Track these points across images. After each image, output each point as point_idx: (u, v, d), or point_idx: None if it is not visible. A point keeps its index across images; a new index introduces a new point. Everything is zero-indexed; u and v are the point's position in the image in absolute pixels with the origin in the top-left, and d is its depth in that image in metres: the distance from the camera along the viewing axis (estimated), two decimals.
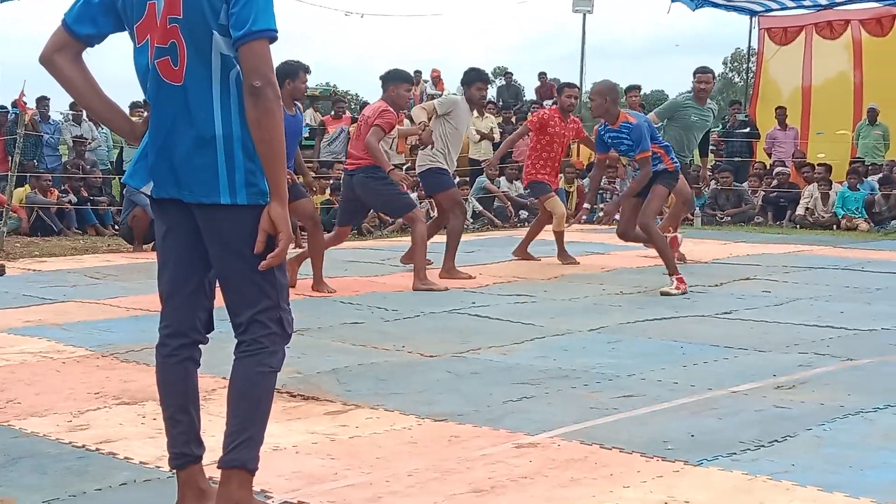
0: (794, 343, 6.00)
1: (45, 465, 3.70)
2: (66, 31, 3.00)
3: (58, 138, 15.93)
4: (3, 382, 4.99)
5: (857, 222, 14.68)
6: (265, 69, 2.82)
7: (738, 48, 49.92)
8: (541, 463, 3.72)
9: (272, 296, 2.97)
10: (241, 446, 2.94)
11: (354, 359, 5.53)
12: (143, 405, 4.52)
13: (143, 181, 3.04)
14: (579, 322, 6.69)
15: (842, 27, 18.51)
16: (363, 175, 8.34)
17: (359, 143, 8.43)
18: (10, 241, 11.90)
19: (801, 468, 3.64)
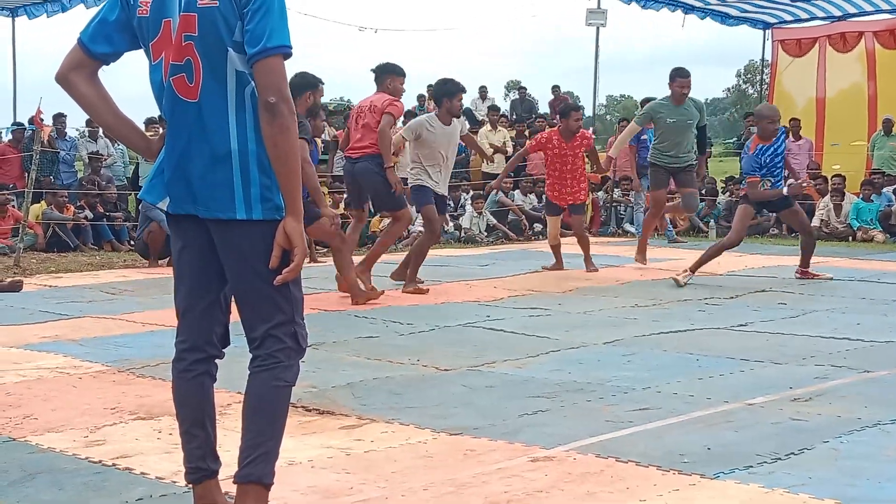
0: (810, 355, 5.98)
1: (62, 481, 3.71)
2: (81, 49, 3.02)
3: (74, 155, 16.02)
4: (19, 398, 5.01)
5: (872, 234, 14.62)
6: (280, 85, 2.84)
7: (752, 60, 49.96)
8: (557, 476, 3.72)
9: (287, 310, 2.98)
10: (256, 461, 2.95)
11: (369, 373, 5.54)
12: (159, 420, 4.53)
13: (160, 197, 3.06)
14: (594, 335, 6.68)
15: (855, 39, 18.48)
16: (367, 163, 8.48)
17: (364, 132, 8.49)
18: (27, 257, 11.95)
19: (818, 481, 3.62)
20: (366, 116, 8.56)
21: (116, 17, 3.01)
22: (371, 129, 8.47)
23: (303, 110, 7.72)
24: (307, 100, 7.86)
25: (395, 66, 8.88)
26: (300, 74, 8.00)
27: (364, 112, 8.61)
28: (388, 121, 8.41)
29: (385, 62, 8.95)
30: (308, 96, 7.85)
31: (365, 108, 8.62)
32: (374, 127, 8.45)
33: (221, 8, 2.85)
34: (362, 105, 8.74)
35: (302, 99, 7.76)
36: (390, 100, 8.56)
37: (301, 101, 7.73)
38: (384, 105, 8.47)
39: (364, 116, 8.58)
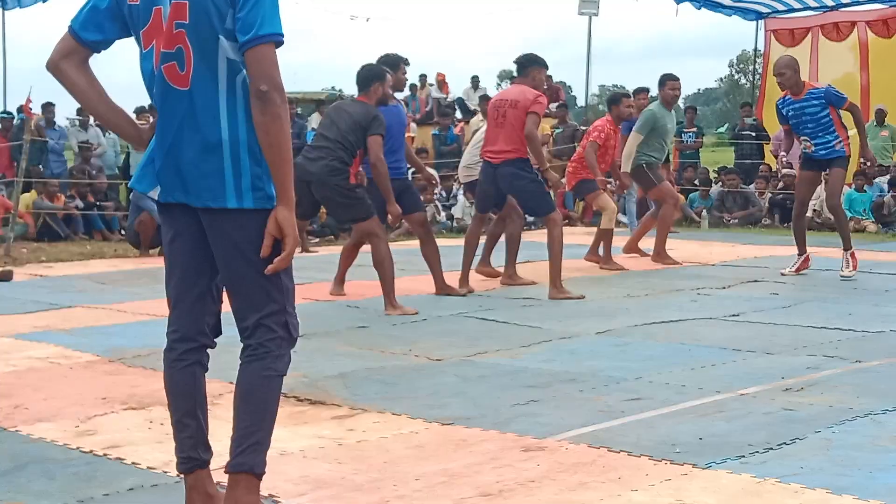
0: (802, 345, 5.98)
1: (52, 471, 3.70)
2: (72, 37, 3.01)
3: (63, 144, 15.97)
4: (10, 388, 4.99)
5: (864, 224, 14.65)
6: (272, 73, 2.82)
7: (745, 50, 50.04)
8: (549, 466, 3.72)
9: (278, 300, 2.97)
10: (248, 450, 2.94)
11: (361, 363, 5.53)
12: (150, 410, 4.52)
13: (150, 186, 3.04)
14: (587, 325, 6.68)
15: (848, 29, 18.50)
16: (509, 169, 7.96)
17: (503, 133, 7.93)
18: (17, 246, 11.91)
19: (809, 471, 3.63)
20: (507, 114, 7.95)
21: (107, 5, 3.00)
22: (514, 129, 7.90)
23: (373, 102, 7.31)
24: (375, 92, 7.34)
25: (539, 56, 8.26)
26: (367, 66, 7.50)
27: (504, 108, 8.01)
28: (535, 123, 7.85)
29: (531, 53, 8.28)
30: (377, 87, 7.35)
31: (504, 103, 8.05)
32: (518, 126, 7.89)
33: None
34: (506, 97, 8.14)
35: (370, 92, 7.31)
36: (538, 98, 7.94)
37: (370, 93, 7.31)
38: (531, 102, 7.86)
39: (504, 113, 7.98)
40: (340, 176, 7.10)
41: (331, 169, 7.07)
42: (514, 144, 7.93)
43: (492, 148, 8.09)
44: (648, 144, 10.13)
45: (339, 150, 7.09)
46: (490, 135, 8.18)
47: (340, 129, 7.12)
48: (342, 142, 7.10)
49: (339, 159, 7.09)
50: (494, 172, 8.08)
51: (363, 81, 7.36)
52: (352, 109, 7.24)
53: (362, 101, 7.30)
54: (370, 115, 7.16)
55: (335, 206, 7.40)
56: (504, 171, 8.01)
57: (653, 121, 10.13)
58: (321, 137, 7.25)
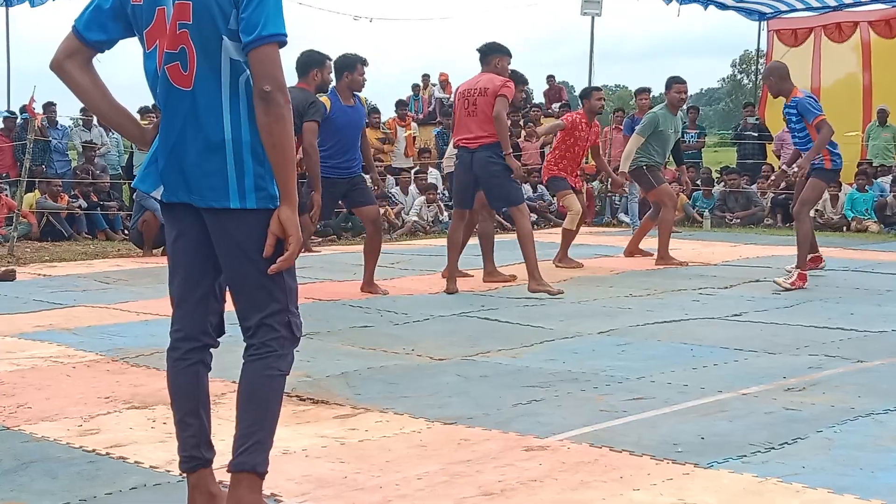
0: (804, 345, 5.99)
1: (55, 470, 3.71)
2: (76, 37, 3.01)
3: (66, 143, 15.99)
4: (13, 387, 5.00)
5: (867, 224, 14.64)
6: (276, 74, 2.83)
7: (747, 50, 49.98)
8: (551, 466, 3.72)
9: (281, 299, 2.98)
10: (250, 450, 2.95)
11: (364, 362, 5.54)
12: (153, 409, 4.53)
13: (154, 186, 3.05)
14: (589, 325, 6.69)
15: (850, 29, 18.49)
16: (485, 153, 7.97)
17: (475, 120, 7.97)
18: (21, 246, 11.94)
19: (811, 470, 3.63)
20: (477, 99, 7.98)
21: (111, 5, 3.00)
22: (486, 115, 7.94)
23: (312, 89, 7.45)
24: (314, 78, 7.54)
25: (502, 45, 8.31)
26: (305, 53, 7.70)
27: (475, 94, 8.02)
28: (504, 105, 7.86)
29: (491, 41, 8.35)
30: (315, 74, 7.55)
31: (476, 91, 8.04)
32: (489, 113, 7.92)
33: None
34: (475, 86, 8.11)
35: (308, 78, 7.51)
36: (507, 83, 7.98)
37: (308, 79, 7.49)
38: (500, 86, 7.90)
39: (474, 99, 8.00)
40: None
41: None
42: (488, 130, 7.96)
43: (466, 135, 8.11)
44: (649, 147, 10.15)
45: None
46: (460, 124, 8.20)
47: None
48: None
49: None
50: (471, 157, 8.06)
51: (302, 67, 7.45)
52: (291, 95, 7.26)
53: (301, 88, 7.36)
54: (307, 101, 7.20)
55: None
56: (480, 156, 8.02)
57: (655, 124, 10.13)
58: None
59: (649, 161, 10.21)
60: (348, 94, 7.89)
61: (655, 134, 10.12)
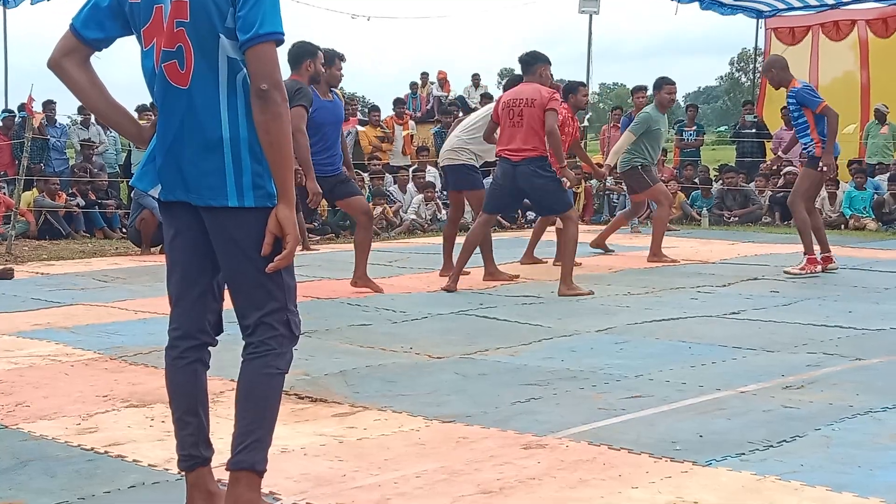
0: (802, 343, 5.99)
1: (53, 468, 3.71)
2: (74, 35, 3.01)
3: (64, 142, 15.98)
4: (11, 385, 5.00)
5: (864, 222, 14.65)
6: (273, 72, 2.83)
7: (745, 48, 50.02)
8: (549, 464, 3.72)
9: (279, 298, 2.97)
10: (249, 448, 2.94)
11: (362, 360, 5.54)
12: (151, 408, 4.52)
13: (152, 184, 3.05)
14: (587, 323, 6.69)
15: (848, 27, 18.51)
16: (529, 167, 7.97)
17: (521, 132, 7.97)
18: (19, 244, 11.93)
19: (809, 468, 3.63)
20: (523, 111, 7.99)
21: (109, 3, 3.00)
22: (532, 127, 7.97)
23: (305, 80, 7.46)
24: (307, 69, 7.53)
25: (543, 53, 8.36)
26: (297, 44, 7.68)
27: (521, 106, 8.03)
28: (555, 119, 7.94)
29: (533, 50, 8.37)
30: (308, 65, 7.53)
31: (521, 102, 8.05)
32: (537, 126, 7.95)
33: None
34: (518, 97, 8.11)
35: (301, 69, 7.50)
36: (554, 95, 8.07)
37: (301, 71, 7.49)
38: (548, 99, 7.96)
39: (520, 111, 8.01)
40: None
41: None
42: (532, 143, 7.97)
43: (509, 146, 8.08)
44: (642, 146, 10.19)
45: None
46: (505, 134, 8.15)
47: None
48: None
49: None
50: (514, 170, 8.05)
51: (294, 59, 7.44)
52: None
53: (294, 80, 7.36)
54: (294, 87, 7.18)
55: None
56: (524, 170, 8.01)
57: (647, 123, 10.19)
58: None
59: (644, 161, 10.23)
60: (325, 89, 7.89)
61: (648, 133, 10.16)
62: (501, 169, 8.22)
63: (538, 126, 7.95)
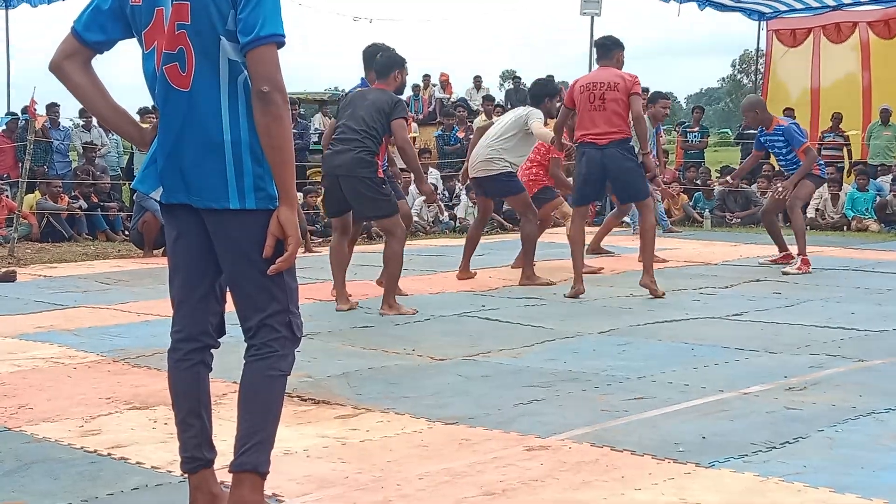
0: (805, 344, 5.98)
1: (56, 471, 3.71)
2: (75, 38, 3.01)
3: (68, 144, 16.00)
4: (14, 388, 5.00)
5: (867, 223, 14.64)
6: (273, 74, 2.83)
7: (747, 50, 50.05)
8: (552, 465, 3.72)
9: (281, 300, 2.97)
10: (251, 450, 2.95)
11: (365, 362, 5.54)
12: (154, 410, 4.53)
13: (153, 186, 3.05)
14: (589, 324, 6.69)
15: (850, 29, 18.51)
16: (616, 149, 7.88)
17: (603, 115, 7.87)
18: (21, 247, 11.94)
19: (812, 469, 3.63)
20: (605, 95, 7.89)
21: (110, 6, 3.00)
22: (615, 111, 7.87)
23: (392, 90, 7.32)
24: (395, 79, 7.37)
25: (619, 39, 8.28)
26: (386, 54, 7.50)
27: (604, 89, 7.91)
28: (641, 104, 7.95)
29: (609, 35, 8.32)
30: (396, 75, 7.37)
31: (602, 85, 7.92)
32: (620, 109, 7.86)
33: None
34: (598, 80, 8.00)
35: (390, 79, 7.33)
36: (636, 79, 7.96)
37: (389, 80, 7.32)
38: (632, 83, 7.88)
39: (602, 94, 7.90)
40: (369, 168, 7.01)
41: (359, 161, 6.98)
42: (617, 125, 7.91)
43: (594, 130, 7.94)
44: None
45: (366, 140, 7.00)
46: (585, 118, 8.00)
47: (364, 118, 7.04)
48: (368, 131, 7.02)
49: (367, 150, 7.00)
50: (602, 154, 7.92)
51: (383, 69, 7.33)
52: (372, 97, 7.16)
53: (382, 89, 7.26)
54: (392, 100, 7.15)
55: (362, 200, 7.16)
56: (613, 152, 7.90)
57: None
58: (346, 129, 7.11)
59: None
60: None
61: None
62: (587, 156, 8.03)
63: (622, 109, 7.89)
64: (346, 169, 7.01)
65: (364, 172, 7.01)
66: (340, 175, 7.06)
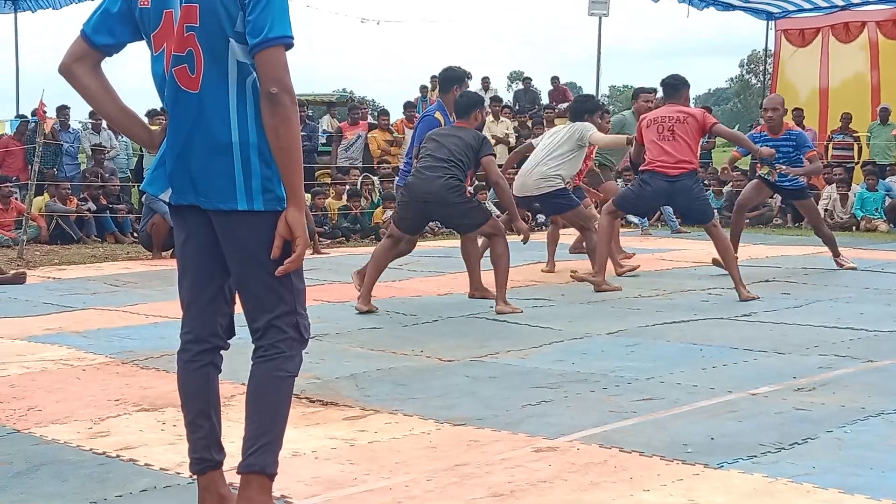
0: (813, 345, 5.97)
1: (65, 472, 3.72)
2: (84, 41, 3.02)
3: (77, 147, 16.03)
4: (23, 390, 5.02)
5: (876, 223, 14.61)
6: (282, 76, 2.83)
7: (755, 50, 49.95)
8: (560, 467, 3.72)
9: (289, 301, 2.98)
10: (259, 451, 2.95)
11: (373, 364, 5.54)
12: (162, 412, 4.53)
13: (162, 188, 3.06)
14: (598, 325, 6.68)
15: (858, 29, 18.48)
16: (688, 181, 8.22)
17: (675, 146, 8.18)
18: (30, 249, 11.97)
19: (821, 470, 3.63)
20: (675, 126, 8.24)
21: (119, 9, 3.01)
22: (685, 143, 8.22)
23: (474, 127, 7.49)
24: (476, 118, 7.54)
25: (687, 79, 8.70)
26: (466, 94, 7.73)
27: (676, 120, 8.26)
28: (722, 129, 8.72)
29: (676, 74, 8.67)
30: (477, 114, 7.57)
31: (674, 117, 8.27)
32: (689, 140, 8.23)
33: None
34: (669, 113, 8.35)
35: (471, 118, 7.49)
36: (702, 111, 8.64)
37: (470, 120, 7.48)
38: (703, 117, 8.36)
39: (674, 125, 8.24)
40: (458, 191, 7.23)
41: (450, 187, 7.17)
42: (687, 156, 8.22)
43: (667, 160, 8.24)
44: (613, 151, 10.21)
45: (454, 169, 7.21)
46: (656, 149, 8.27)
47: (451, 150, 7.23)
48: (456, 161, 7.22)
49: (455, 177, 7.21)
50: (671, 185, 8.23)
51: (464, 109, 7.51)
52: (460, 133, 7.36)
53: (465, 127, 7.45)
54: (480, 138, 7.40)
55: (459, 219, 7.49)
56: (683, 185, 8.21)
57: (619, 124, 10.39)
58: (431, 158, 7.25)
59: (602, 160, 10.28)
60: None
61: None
62: (653, 183, 8.32)
63: (693, 142, 8.25)
64: (437, 196, 7.19)
65: (454, 198, 7.21)
66: (430, 201, 7.23)
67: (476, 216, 7.41)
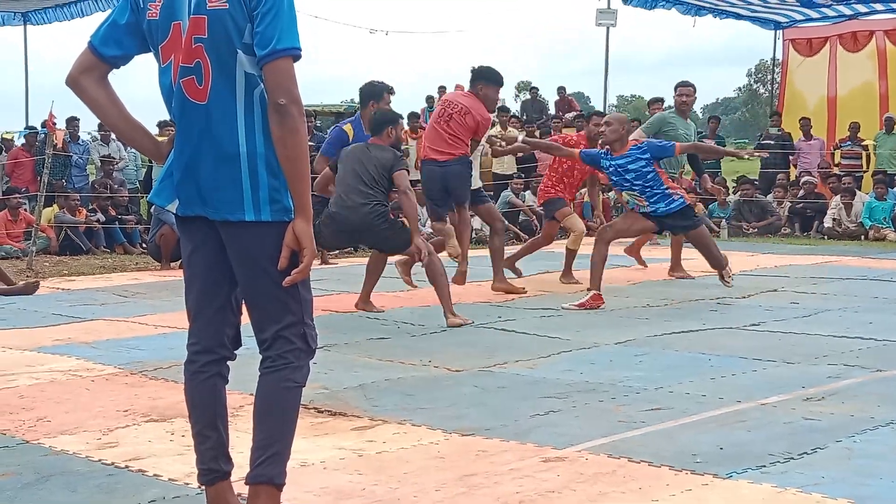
0: (822, 354, 5.96)
1: (74, 483, 3.72)
2: (92, 52, 3.03)
3: (86, 158, 16.08)
4: (33, 400, 5.02)
5: (885, 232, 14.57)
6: (290, 87, 2.84)
7: (763, 59, 49.89)
8: (569, 477, 3.71)
9: (296, 311, 2.98)
10: (267, 461, 2.95)
11: (381, 374, 5.54)
12: (171, 422, 4.54)
13: (169, 199, 3.06)
14: (606, 335, 6.67)
15: (866, 38, 18.47)
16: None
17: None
18: (40, 260, 12.00)
19: (831, 480, 3.61)
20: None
21: (126, 20, 3.02)
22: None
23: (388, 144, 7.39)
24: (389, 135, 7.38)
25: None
26: (380, 112, 7.64)
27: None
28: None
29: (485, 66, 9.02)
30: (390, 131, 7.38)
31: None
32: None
33: (231, 10, 2.86)
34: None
35: (384, 135, 7.37)
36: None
37: (383, 136, 7.37)
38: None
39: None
40: (383, 217, 7.21)
41: (376, 214, 7.16)
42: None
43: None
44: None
45: (377, 194, 7.19)
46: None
47: (372, 174, 7.19)
48: (377, 185, 7.20)
49: (379, 202, 7.20)
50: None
51: (377, 126, 7.46)
52: (376, 153, 7.28)
53: (380, 145, 7.38)
54: (393, 156, 7.35)
55: (386, 243, 7.48)
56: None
57: (659, 122, 9.71)
58: (354, 182, 7.18)
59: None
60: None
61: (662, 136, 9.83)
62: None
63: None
64: (362, 225, 7.18)
65: (380, 224, 7.18)
66: (357, 230, 7.25)
67: (402, 238, 7.34)
